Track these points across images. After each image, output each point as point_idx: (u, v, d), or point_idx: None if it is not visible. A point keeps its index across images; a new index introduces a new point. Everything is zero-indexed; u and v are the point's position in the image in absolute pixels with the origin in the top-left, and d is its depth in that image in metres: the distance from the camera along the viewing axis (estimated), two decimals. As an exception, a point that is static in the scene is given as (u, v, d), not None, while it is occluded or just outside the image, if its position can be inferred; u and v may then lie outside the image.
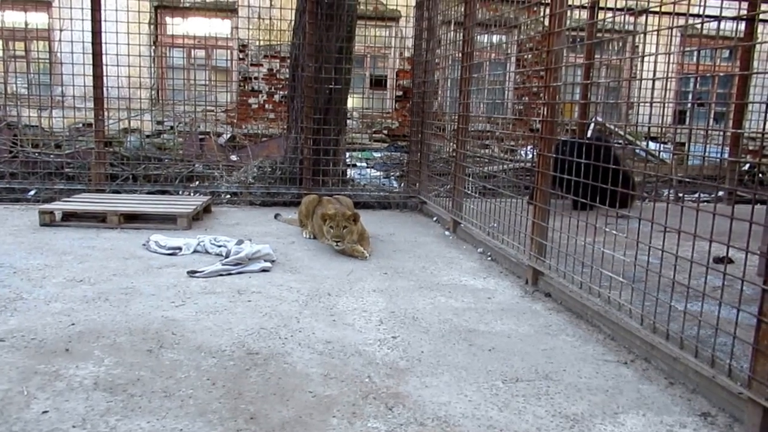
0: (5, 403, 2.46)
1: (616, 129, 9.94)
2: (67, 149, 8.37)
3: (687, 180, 3.77)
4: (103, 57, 7.10)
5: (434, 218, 7.02)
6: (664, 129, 10.47)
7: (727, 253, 2.69)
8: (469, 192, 6.05)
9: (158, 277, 4.34)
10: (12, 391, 2.56)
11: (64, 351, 3.00)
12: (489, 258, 5.27)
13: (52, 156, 8.00)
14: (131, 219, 6.00)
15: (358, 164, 9.52)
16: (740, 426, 2.53)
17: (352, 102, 9.02)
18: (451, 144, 7.23)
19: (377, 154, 10.86)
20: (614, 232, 3.58)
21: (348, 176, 8.33)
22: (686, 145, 9.62)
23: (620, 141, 8.52)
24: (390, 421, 2.45)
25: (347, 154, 8.66)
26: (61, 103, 8.06)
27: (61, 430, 2.29)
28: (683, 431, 2.47)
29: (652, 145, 11.19)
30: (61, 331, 3.25)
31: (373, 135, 12.48)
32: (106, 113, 7.31)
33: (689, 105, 10.12)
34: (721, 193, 7.29)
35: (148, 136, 10.40)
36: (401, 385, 2.78)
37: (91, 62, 7.05)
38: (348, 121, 8.36)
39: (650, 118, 6.78)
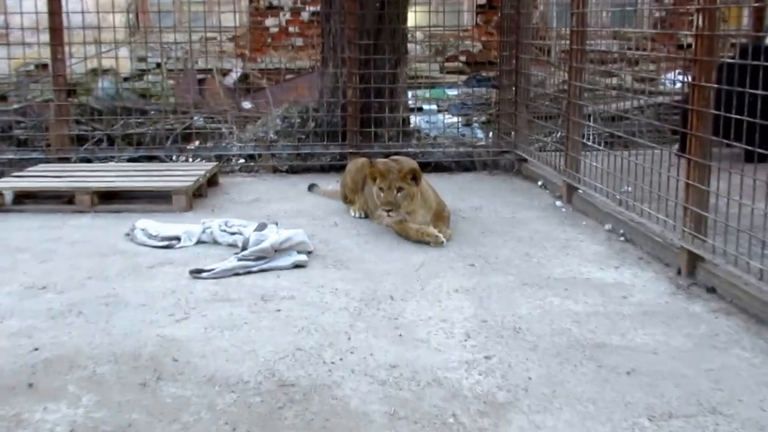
0: (-48, 461, 2.56)
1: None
2: (15, 103, 8.52)
3: None
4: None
5: (539, 182, 6.95)
6: None
7: None
8: (590, 143, 5.96)
9: (150, 279, 4.43)
10: (-40, 444, 2.67)
11: (26, 387, 3.09)
12: (621, 238, 5.20)
13: (-5, 113, 8.16)
14: (108, 198, 6.11)
15: (426, 108, 9.47)
16: None
17: (414, 18, 8.90)
18: (562, 73, 7.12)
19: (452, 92, 10.79)
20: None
21: (411, 126, 8.28)
22: None
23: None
24: (486, 478, 2.46)
25: (409, 94, 8.61)
26: (6, 37, 8.20)
27: (29, 496, 2.37)
28: None
29: None
30: (20, 359, 3.36)
31: (446, 64, 12.39)
32: (67, 49, 7.39)
33: None
34: None
35: (126, 80, 10.53)
36: (501, 426, 2.78)
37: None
38: (409, 46, 8.29)
39: None
